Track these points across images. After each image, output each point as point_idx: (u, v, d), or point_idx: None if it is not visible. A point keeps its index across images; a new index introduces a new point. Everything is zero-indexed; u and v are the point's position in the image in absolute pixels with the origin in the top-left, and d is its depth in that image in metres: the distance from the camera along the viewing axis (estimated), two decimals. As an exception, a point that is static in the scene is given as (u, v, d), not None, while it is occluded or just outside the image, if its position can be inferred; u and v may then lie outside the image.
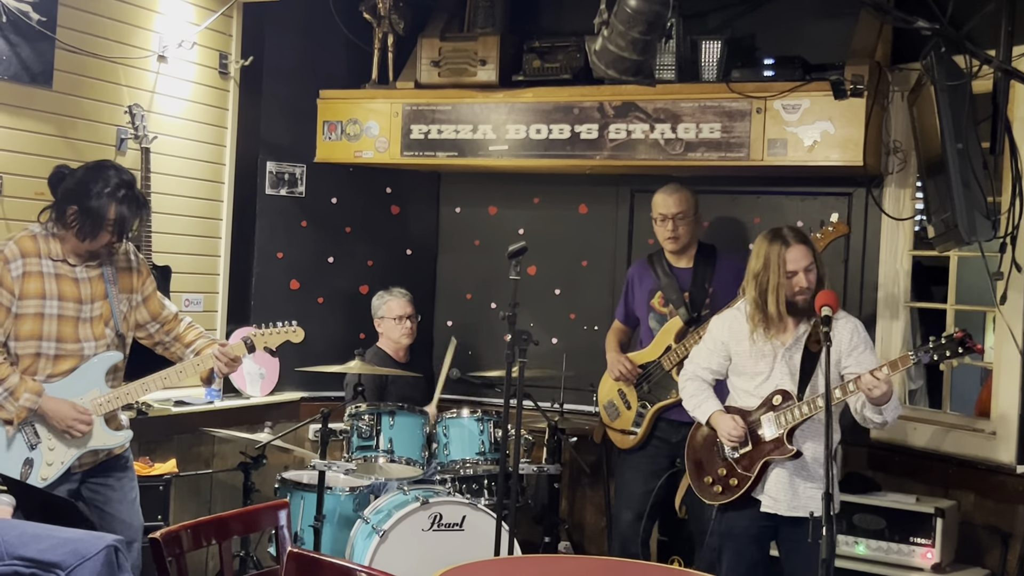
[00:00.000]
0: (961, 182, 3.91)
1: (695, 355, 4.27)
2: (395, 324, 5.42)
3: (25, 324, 3.66)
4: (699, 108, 5.04)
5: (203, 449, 5.26)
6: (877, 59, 4.83)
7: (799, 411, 3.86)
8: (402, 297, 5.48)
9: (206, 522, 3.10)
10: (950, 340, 3.69)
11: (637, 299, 5.01)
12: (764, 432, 3.93)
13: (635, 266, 5.11)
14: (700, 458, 4.17)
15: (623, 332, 5.12)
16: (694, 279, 4.87)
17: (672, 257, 4.94)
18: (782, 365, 3.97)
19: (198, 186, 5.34)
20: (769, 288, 3.96)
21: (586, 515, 5.72)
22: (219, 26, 5.39)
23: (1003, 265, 4.25)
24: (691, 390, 4.19)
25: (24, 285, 3.65)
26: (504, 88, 5.41)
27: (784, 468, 3.94)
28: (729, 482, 4.01)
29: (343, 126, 5.68)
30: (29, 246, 3.69)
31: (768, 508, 3.96)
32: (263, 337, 4.10)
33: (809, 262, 3.93)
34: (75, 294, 3.73)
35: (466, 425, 4.81)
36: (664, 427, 4.86)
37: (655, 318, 4.93)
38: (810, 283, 3.91)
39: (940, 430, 4.83)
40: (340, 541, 4.72)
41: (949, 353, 3.69)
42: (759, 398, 3.98)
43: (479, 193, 6.00)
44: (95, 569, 2.58)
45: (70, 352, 3.73)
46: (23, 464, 3.65)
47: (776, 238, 3.97)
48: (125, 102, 4.81)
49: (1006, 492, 4.52)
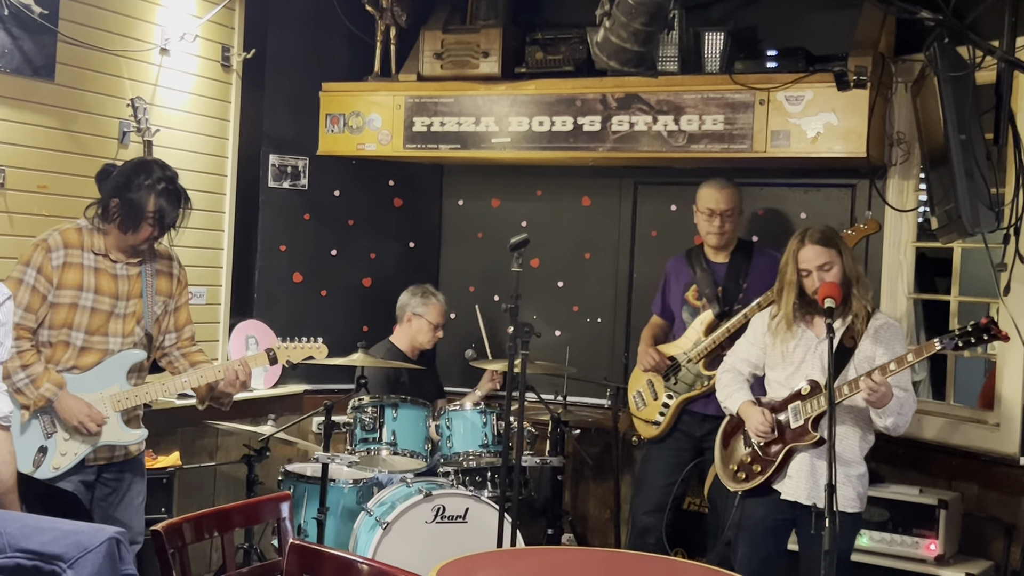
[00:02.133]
0: (964, 173, 3.90)
1: (736, 348, 4.28)
2: (429, 328, 5.34)
3: (60, 313, 3.72)
4: (702, 100, 5.03)
5: (207, 442, 5.27)
6: (880, 50, 4.81)
7: (825, 399, 3.85)
8: (444, 305, 5.42)
9: (208, 514, 3.10)
10: (976, 327, 3.66)
11: (673, 292, 5.00)
12: (790, 420, 3.94)
13: (673, 260, 5.08)
14: (728, 446, 4.18)
15: (659, 326, 5.11)
16: (728, 274, 4.86)
17: (710, 252, 4.93)
18: (814, 358, 3.96)
19: (201, 179, 5.34)
20: (784, 286, 3.98)
21: (589, 507, 5.72)
22: (221, 19, 5.39)
23: (1007, 256, 4.24)
24: (725, 381, 4.20)
25: (63, 275, 3.71)
26: (507, 80, 5.41)
27: (807, 456, 3.92)
28: (753, 468, 4.02)
29: (346, 119, 5.67)
30: (73, 238, 3.76)
31: (788, 496, 3.95)
32: (286, 351, 4.10)
33: (824, 261, 3.90)
34: (112, 289, 3.78)
35: (469, 417, 4.81)
36: (688, 420, 4.86)
37: (688, 311, 4.92)
38: (824, 282, 3.89)
39: (944, 422, 4.83)
40: (344, 533, 4.73)
41: (975, 340, 3.66)
42: (790, 389, 3.99)
43: (482, 186, 6.00)
44: (97, 561, 2.57)
45: (96, 345, 3.78)
46: (37, 451, 3.69)
47: (798, 236, 3.99)
48: (127, 95, 4.81)
49: (1010, 484, 4.51)
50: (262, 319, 5.62)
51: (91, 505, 3.83)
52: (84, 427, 3.71)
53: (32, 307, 3.67)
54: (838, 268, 3.92)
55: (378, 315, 5.56)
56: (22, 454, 3.64)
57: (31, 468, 3.66)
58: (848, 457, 3.89)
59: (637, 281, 5.65)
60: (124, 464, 3.90)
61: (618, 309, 5.71)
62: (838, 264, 3.92)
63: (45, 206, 4.54)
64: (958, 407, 4.90)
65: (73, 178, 4.61)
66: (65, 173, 4.62)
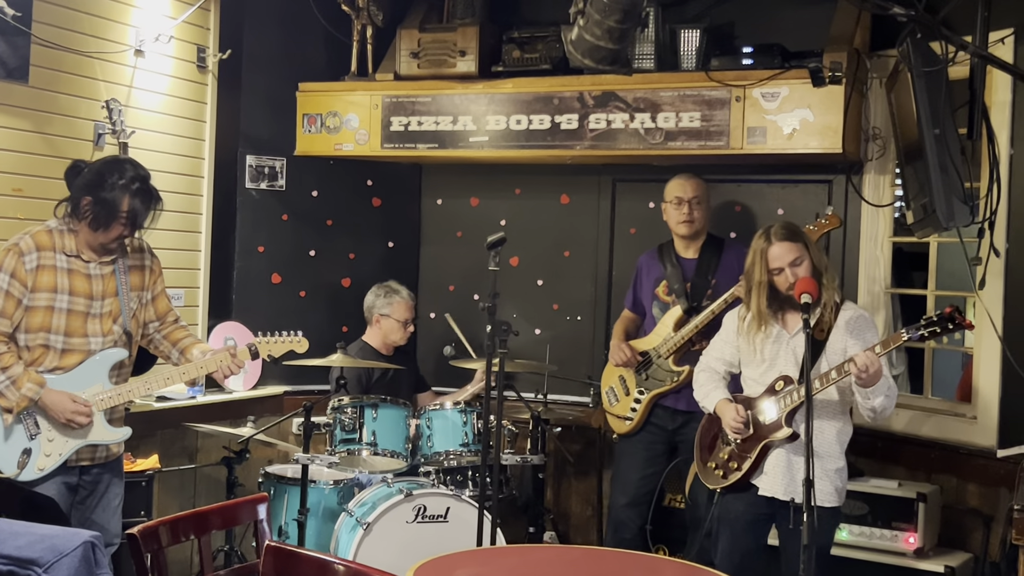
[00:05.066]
0: (939, 167, 3.91)
1: (711, 347, 4.30)
2: (398, 326, 5.35)
3: (35, 317, 3.70)
4: (678, 97, 5.04)
5: (186, 444, 5.25)
6: (855, 46, 4.83)
7: (797, 394, 3.87)
8: (410, 299, 5.43)
9: (185, 517, 3.10)
10: (940, 317, 3.70)
11: (644, 288, 5.04)
12: (764, 416, 3.95)
13: (645, 255, 5.11)
14: (706, 445, 4.20)
15: (630, 320, 5.13)
16: (698, 269, 4.89)
17: (681, 247, 4.96)
18: (787, 353, 3.98)
19: (177, 181, 5.32)
20: (753, 286, 3.99)
21: (571, 505, 5.72)
22: (196, 19, 5.36)
23: (981, 250, 4.25)
24: (702, 380, 4.22)
25: (37, 278, 3.70)
26: (484, 79, 5.41)
27: (783, 451, 3.94)
28: (730, 465, 4.03)
29: (323, 119, 5.66)
30: (44, 240, 3.74)
31: (766, 491, 3.97)
32: (267, 345, 4.13)
33: (795, 256, 3.92)
34: (86, 290, 3.78)
35: (449, 417, 4.80)
36: (660, 414, 4.89)
37: (658, 306, 4.95)
38: (798, 277, 3.91)
39: (922, 415, 4.85)
40: (324, 535, 4.72)
41: (940, 329, 3.70)
42: (764, 385, 4.00)
43: (461, 184, 5.99)
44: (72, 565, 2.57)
45: (77, 347, 3.77)
46: (21, 453, 3.68)
47: (762, 235, 4.00)
48: (102, 97, 4.76)
49: (988, 476, 4.54)
50: (241, 320, 5.60)
51: (70, 507, 3.81)
52: (74, 422, 3.70)
53: (6, 312, 3.66)
54: (808, 262, 3.94)
55: (357, 315, 5.55)
56: (6, 457, 3.64)
57: (16, 471, 3.65)
58: (825, 451, 3.90)
59: (616, 278, 5.66)
60: (104, 466, 3.89)
61: (598, 307, 5.72)
62: (807, 258, 3.94)
63: (20, 209, 4.51)
64: (936, 400, 4.92)
65: (48, 181, 4.58)
66: (40, 176, 4.59)
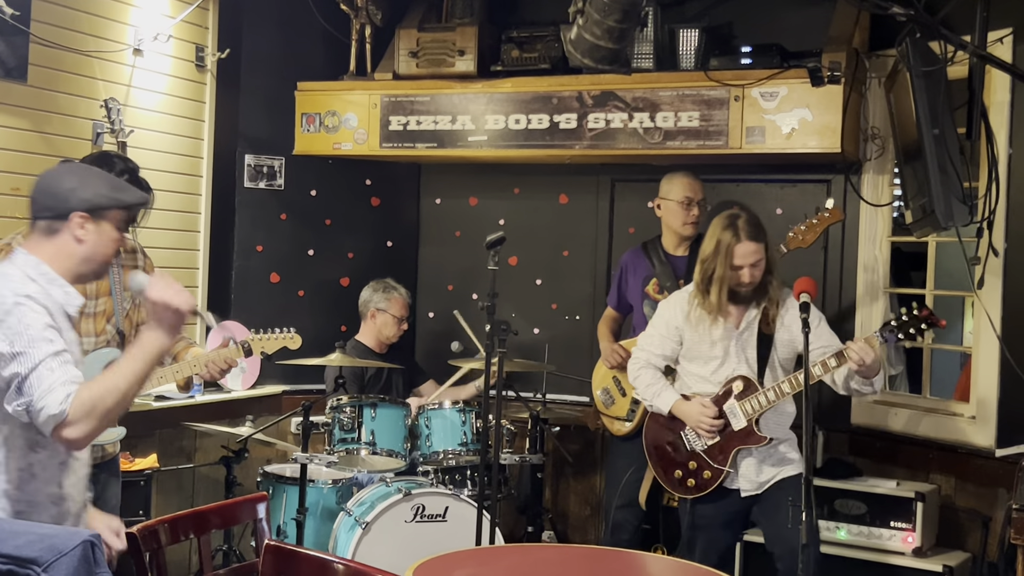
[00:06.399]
0: (938, 167, 3.92)
1: (645, 342, 4.25)
2: (394, 321, 5.36)
3: None
4: (677, 96, 5.04)
5: (184, 444, 5.25)
6: (854, 46, 4.84)
7: (765, 398, 3.88)
8: (405, 296, 5.43)
9: (184, 516, 3.10)
10: (913, 318, 3.72)
11: (631, 286, 5.02)
12: (732, 422, 3.95)
13: (628, 253, 5.09)
14: (664, 452, 4.16)
15: (614, 319, 5.12)
16: (689, 266, 4.86)
17: (670, 244, 4.94)
18: (737, 350, 3.98)
19: (176, 180, 5.32)
20: (714, 278, 3.96)
21: (570, 504, 5.73)
22: (195, 18, 5.36)
23: (980, 250, 4.26)
24: (647, 379, 4.17)
25: None
26: (483, 78, 5.41)
27: (752, 455, 3.98)
28: (703, 475, 4.02)
29: (321, 118, 5.66)
30: None
31: (748, 492, 3.98)
32: (260, 342, 4.14)
33: (758, 258, 3.92)
34: (80, 288, 3.73)
35: (448, 416, 4.80)
36: None
37: (649, 305, 4.92)
38: (754, 278, 3.93)
39: (920, 415, 4.86)
40: (323, 534, 4.72)
41: (913, 331, 3.71)
42: (716, 384, 3.99)
43: (459, 184, 5.99)
44: (72, 564, 2.56)
45: None
46: None
47: (729, 227, 3.95)
48: (101, 96, 4.77)
49: (986, 476, 4.54)
50: (239, 320, 5.58)
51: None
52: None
53: None
54: (763, 261, 3.94)
55: (356, 315, 5.55)
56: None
57: None
58: (783, 435, 3.97)
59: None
60: (100, 466, 3.86)
61: (596, 306, 5.71)
62: (765, 258, 3.95)
63: (19, 209, 4.51)
64: (935, 400, 4.92)
65: (47, 180, 4.58)
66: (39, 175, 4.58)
